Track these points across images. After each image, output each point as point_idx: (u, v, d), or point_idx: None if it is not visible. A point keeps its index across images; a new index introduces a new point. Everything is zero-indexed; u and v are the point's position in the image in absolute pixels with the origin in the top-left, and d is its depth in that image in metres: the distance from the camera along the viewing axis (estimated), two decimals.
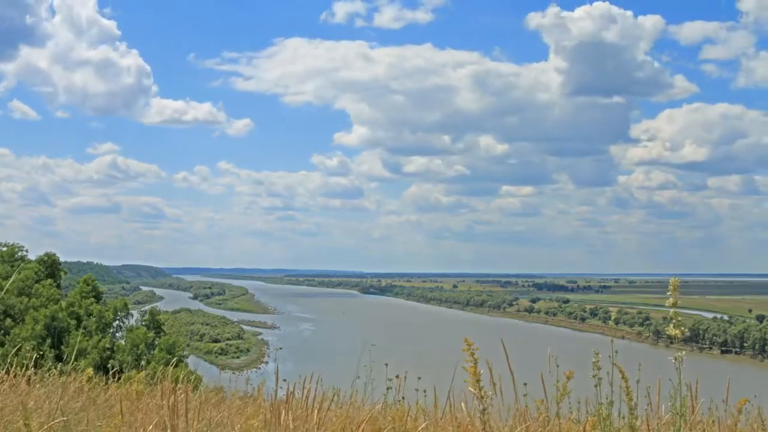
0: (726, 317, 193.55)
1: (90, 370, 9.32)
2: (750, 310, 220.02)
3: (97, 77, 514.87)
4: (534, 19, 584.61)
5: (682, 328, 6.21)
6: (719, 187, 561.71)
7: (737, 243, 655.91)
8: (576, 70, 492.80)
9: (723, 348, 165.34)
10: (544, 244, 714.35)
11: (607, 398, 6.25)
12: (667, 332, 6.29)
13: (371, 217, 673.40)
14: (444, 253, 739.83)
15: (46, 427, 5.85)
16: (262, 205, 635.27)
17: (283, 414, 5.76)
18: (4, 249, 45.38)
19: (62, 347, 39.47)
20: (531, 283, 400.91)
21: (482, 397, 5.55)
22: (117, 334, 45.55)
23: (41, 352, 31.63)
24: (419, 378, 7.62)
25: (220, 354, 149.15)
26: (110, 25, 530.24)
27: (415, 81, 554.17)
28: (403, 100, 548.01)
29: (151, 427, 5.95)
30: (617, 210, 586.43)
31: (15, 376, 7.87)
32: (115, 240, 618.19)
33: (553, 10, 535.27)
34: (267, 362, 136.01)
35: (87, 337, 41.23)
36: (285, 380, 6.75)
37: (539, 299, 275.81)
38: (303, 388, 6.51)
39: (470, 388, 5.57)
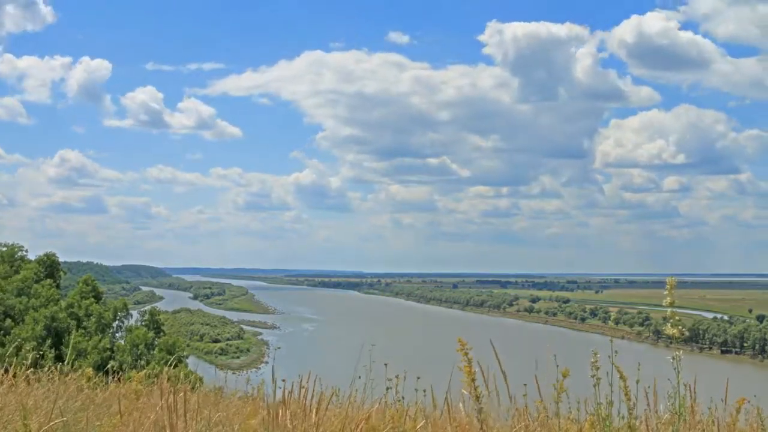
0: (726, 317, 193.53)
1: (89, 370, 9.32)
2: (750, 310, 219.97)
3: (60, 80, 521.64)
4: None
5: (681, 327, 6.21)
6: (703, 187, 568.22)
7: (730, 243, 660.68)
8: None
9: (723, 348, 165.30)
10: (543, 245, 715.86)
11: (606, 398, 6.25)
12: (666, 332, 6.30)
13: (363, 218, 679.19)
14: (443, 254, 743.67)
15: (45, 427, 5.85)
16: (253, 205, 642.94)
17: (281, 413, 5.76)
18: (4, 249, 45.38)
19: (62, 347, 39.50)
20: (531, 283, 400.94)
21: (477, 397, 5.56)
22: (117, 335, 45.57)
23: (41, 353, 31.64)
24: (418, 378, 7.61)
25: (220, 354, 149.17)
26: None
27: (383, 85, 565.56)
28: (371, 104, 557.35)
29: (150, 426, 5.95)
30: (612, 211, 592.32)
31: (14, 376, 7.87)
32: (104, 240, 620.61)
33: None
34: (267, 362, 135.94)
35: (87, 338, 41.24)
36: (284, 380, 6.74)
37: (539, 299, 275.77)
38: (301, 387, 6.51)
39: (463, 390, 5.57)
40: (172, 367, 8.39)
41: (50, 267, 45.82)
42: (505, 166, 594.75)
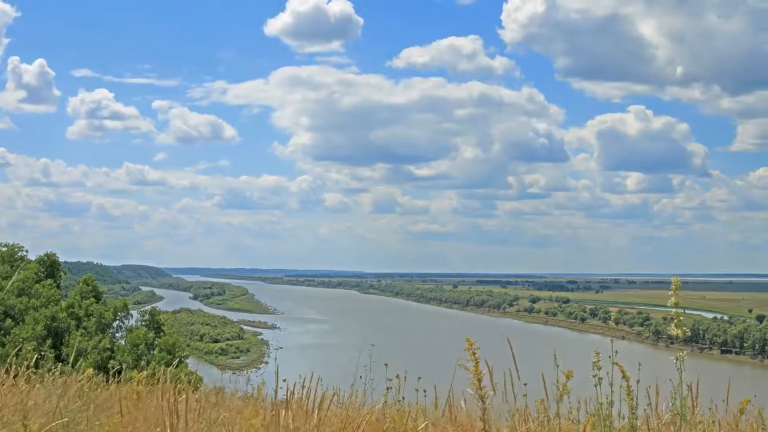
0: (726, 317, 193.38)
1: (90, 370, 9.31)
2: (750, 310, 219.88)
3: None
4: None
5: (684, 328, 6.20)
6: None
7: (727, 244, 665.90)
8: None
9: (723, 348, 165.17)
10: (544, 245, 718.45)
11: (607, 398, 6.25)
12: (669, 332, 6.29)
13: (360, 219, 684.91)
14: (442, 254, 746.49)
15: (46, 427, 5.85)
16: (246, 206, 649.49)
17: (283, 414, 5.75)
18: (4, 249, 45.33)
19: (62, 347, 39.48)
20: (531, 283, 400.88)
21: (483, 397, 5.55)
22: (117, 335, 45.54)
23: (41, 353, 31.52)
24: (419, 378, 7.61)
25: (220, 354, 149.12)
26: None
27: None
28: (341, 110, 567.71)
29: (151, 427, 5.95)
30: (612, 212, 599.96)
31: (15, 377, 7.86)
32: (101, 240, 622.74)
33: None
34: (267, 362, 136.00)
35: (87, 338, 41.22)
36: (285, 380, 6.73)
37: (539, 299, 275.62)
38: (303, 388, 6.50)
39: (469, 390, 5.56)
40: (173, 367, 8.38)
41: (50, 267, 45.80)
42: (487, 169, 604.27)
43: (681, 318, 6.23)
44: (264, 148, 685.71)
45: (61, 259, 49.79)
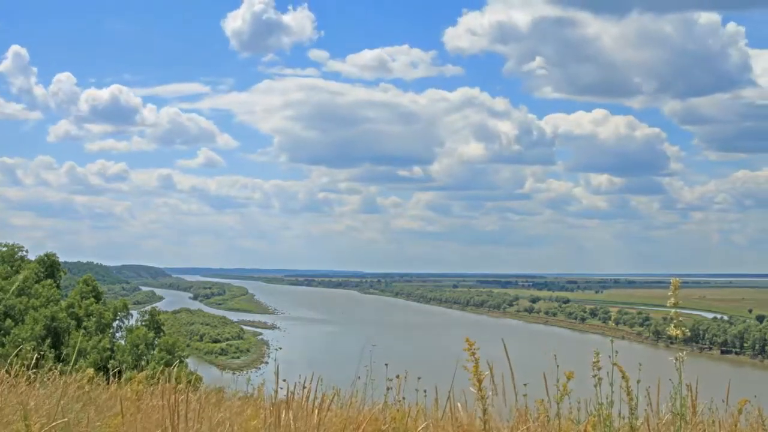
0: (726, 317, 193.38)
1: (90, 371, 9.31)
2: (750, 311, 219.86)
3: None
4: None
5: (683, 328, 6.20)
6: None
7: (727, 243, 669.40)
8: None
9: (723, 348, 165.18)
10: (543, 245, 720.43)
11: (607, 398, 6.25)
12: (669, 332, 6.29)
13: (353, 220, 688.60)
14: (443, 253, 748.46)
15: (46, 428, 5.85)
16: (242, 206, 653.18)
17: (284, 414, 5.76)
18: (4, 249, 45.31)
19: (62, 347, 39.46)
20: (531, 283, 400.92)
21: (483, 398, 5.55)
22: (117, 335, 45.55)
23: (41, 353, 31.57)
24: (419, 378, 7.60)
25: (220, 354, 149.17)
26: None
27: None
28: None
29: (151, 427, 5.95)
30: (604, 212, 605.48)
31: (15, 377, 7.86)
32: (102, 240, 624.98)
33: None
34: (267, 362, 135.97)
35: (87, 338, 41.21)
36: (285, 380, 6.73)
37: (539, 299, 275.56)
38: (303, 388, 6.51)
39: (471, 388, 5.56)
40: (173, 367, 8.38)
41: (50, 267, 45.79)
42: (472, 171, 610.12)
43: (680, 318, 6.23)
44: (247, 150, 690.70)
45: (61, 259, 49.80)
